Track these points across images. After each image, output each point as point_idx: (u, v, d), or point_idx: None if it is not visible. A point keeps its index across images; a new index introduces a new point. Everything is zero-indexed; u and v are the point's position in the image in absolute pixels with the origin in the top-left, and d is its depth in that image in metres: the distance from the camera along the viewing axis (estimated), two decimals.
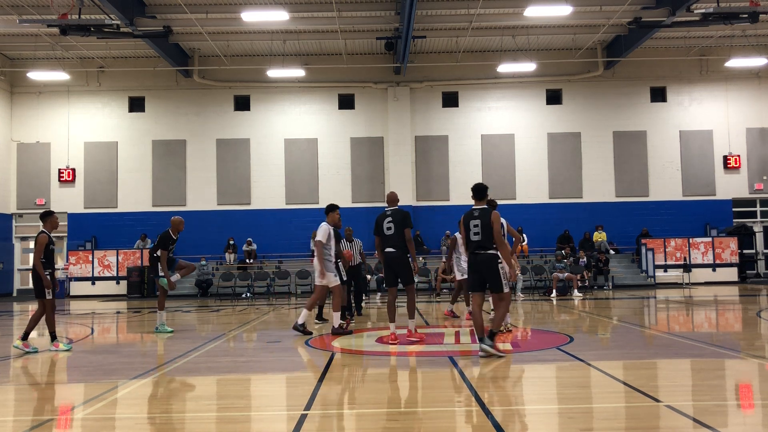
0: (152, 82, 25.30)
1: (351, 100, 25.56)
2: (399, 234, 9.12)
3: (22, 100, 25.47)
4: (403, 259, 9.19)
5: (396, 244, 9.15)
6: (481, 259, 7.83)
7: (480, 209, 7.92)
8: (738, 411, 5.48)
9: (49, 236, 9.25)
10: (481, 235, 7.79)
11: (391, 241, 9.18)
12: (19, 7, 19.95)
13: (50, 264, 9.35)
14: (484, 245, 7.80)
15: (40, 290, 9.15)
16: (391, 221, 9.19)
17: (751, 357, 7.83)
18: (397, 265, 9.21)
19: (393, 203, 9.49)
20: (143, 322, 14.65)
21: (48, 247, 9.21)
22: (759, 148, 25.47)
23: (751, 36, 23.35)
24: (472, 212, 7.96)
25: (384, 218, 9.30)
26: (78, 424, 5.36)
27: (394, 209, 9.36)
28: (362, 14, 21.10)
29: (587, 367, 7.25)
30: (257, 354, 9.23)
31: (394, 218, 9.19)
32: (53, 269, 9.48)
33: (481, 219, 7.81)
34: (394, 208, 9.38)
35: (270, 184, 25.18)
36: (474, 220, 7.87)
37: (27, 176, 25.31)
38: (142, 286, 22.77)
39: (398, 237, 9.12)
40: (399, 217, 9.20)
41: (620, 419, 5.20)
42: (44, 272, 9.10)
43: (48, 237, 9.21)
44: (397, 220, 9.17)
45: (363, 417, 5.41)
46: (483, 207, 7.97)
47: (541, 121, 25.44)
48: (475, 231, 7.84)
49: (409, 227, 9.22)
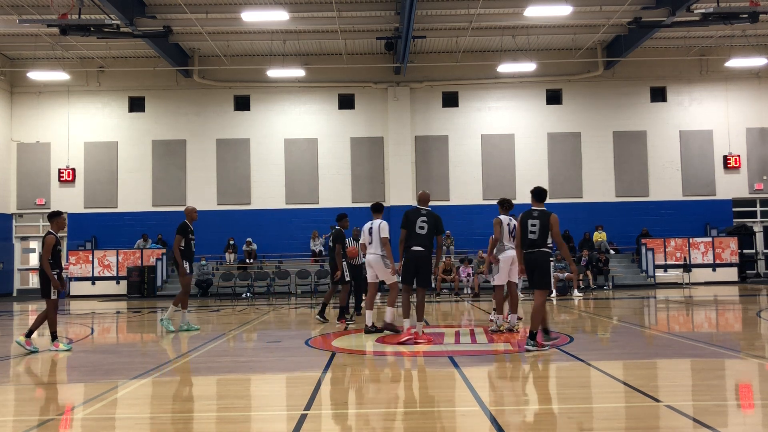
0: (152, 82, 25.30)
1: (351, 100, 25.56)
2: (430, 236, 9.18)
3: (22, 100, 25.47)
4: (429, 260, 9.25)
5: (425, 244, 9.17)
6: (536, 257, 8.37)
7: (539, 211, 8.47)
8: (738, 411, 5.48)
9: (56, 237, 9.32)
10: (538, 235, 8.33)
11: (421, 241, 9.16)
12: (19, 7, 19.95)
13: (57, 264, 9.39)
14: (539, 244, 8.35)
15: (47, 290, 9.24)
16: (425, 221, 9.17)
17: (751, 357, 7.83)
18: (423, 265, 9.21)
19: (425, 203, 9.47)
20: (143, 322, 14.65)
21: (55, 248, 9.28)
22: (759, 148, 25.47)
23: (751, 36, 23.35)
24: (531, 212, 8.50)
25: (418, 216, 9.22)
26: (78, 424, 5.36)
27: (428, 210, 9.34)
28: (362, 14, 21.10)
29: (587, 367, 7.25)
30: (257, 354, 9.23)
31: (429, 220, 9.20)
32: (60, 269, 9.48)
33: (540, 220, 8.35)
34: (428, 209, 9.36)
35: (270, 184, 25.18)
36: (532, 220, 8.41)
37: (27, 176, 25.31)
38: (142, 286, 22.76)
39: (429, 238, 9.18)
40: (433, 219, 9.23)
41: (620, 419, 5.20)
42: (52, 272, 9.13)
43: (55, 237, 9.29)
44: (432, 222, 9.20)
45: (363, 417, 5.41)
46: (542, 209, 8.49)
47: (541, 121, 25.44)
48: (533, 230, 8.36)
49: (441, 234, 9.36)
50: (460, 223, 23.70)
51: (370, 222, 10.40)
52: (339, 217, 12.77)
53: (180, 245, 11.21)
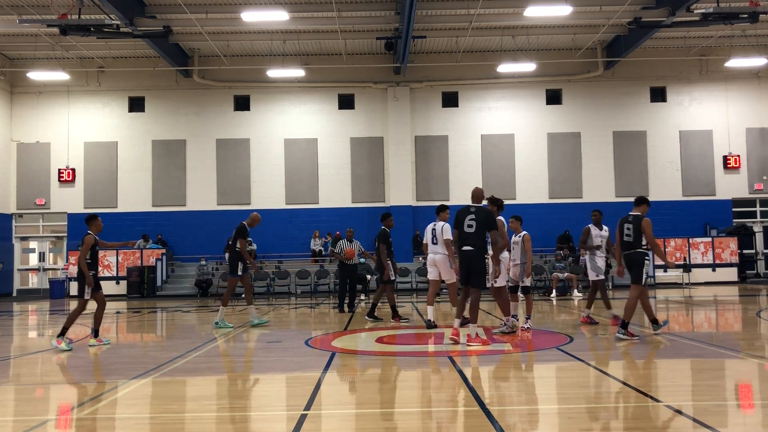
0: (152, 82, 25.30)
1: (351, 100, 25.56)
2: (480, 233, 8.87)
3: (22, 100, 25.47)
4: (480, 259, 8.94)
5: (475, 243, 8.88)
6: (633, 257, 9.30)
7: (634, 215, 9.37)
8: (738, 411, 5.48)
9: (95, 237, 9.67)
10: (633, 237, 9.27)
11: (470, 240, 8.90)
12: (19, 7, 19.95)
13: (94, 265, 9.80)
14: (635, 245, 9.29)
15: (83, 288, 9.64)
16: (474, 219, 8.88)
17: (751, 357, 7.83)
18: (472, 264, 8.93)
19: (477, 200, 9.15)
20: (143, 322, 14.65)
21: (93, 248, 9.67)
22: (759, 148, 25.47)
23: (750, 36, 23.35)
24: (627, 217, 9.45)
25: (466, 215, 8.95)
26: (77, 424, 5.36)
27: (478, 207, 9.04)
28: (362, 14, 21.10)
29: (587, 367, 7.25)
30: (257, 354, 9.23)
31: (477, 217, 8.89)
32: (96, 270, 9.91)
33: (633, 224, 9.30)
34: (479, 206, 9.06)
35: (270, 184, 25.18)
36: (628, 224, 9.38)
37: (27, 176, 25.31)
38: (142, 286, 22.76)
39: (478, 236, 8.87)
40: (482, 216, 8.90)
41: (620, 419, 5.20)
42: (89, 272, 9.55)
43: (94, 238, 9.64)
44: (480, 219, 8.88)
45: (363, 417, 5.41)
46: (637, 214, 9.37)
47: (541, 121, 25.44)
48: (628, 233, 9.35)
49: (494, 229, 8.97)
50: None
51: (433, 223, 10.88)
52: (383, 216, 12.81)
53: (237, 247, 11.89)
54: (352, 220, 23.94)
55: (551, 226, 24.42)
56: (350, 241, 14.82)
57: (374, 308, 12.74)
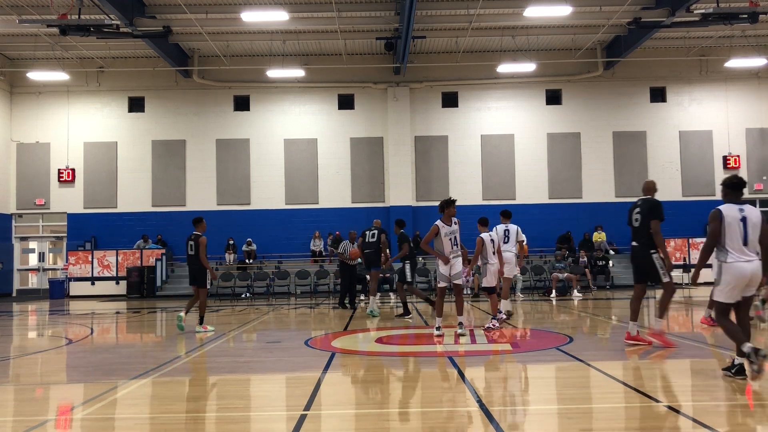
0: (152, 82, 25.30)
1: (351, 100, 25.56)
2: (644, 226, 8.24)
3: (22, 100, 25.47)
4: (645, 253, 8.23)
5: (640, 237, 8.30)
6: None
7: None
8: (737, 411, 5.48)
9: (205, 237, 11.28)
10: None
11: (636, 235, 8.36)
12: (19, 7, 19.94)
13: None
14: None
15: (203, 281, 11.23)
16: (639, 212, 8.34)
17: None
18: (639, 260, 8.34)
19: (647, 192, 8.60)
20: (143, 322, 14.65)
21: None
22: (758, 148, 25.48)
23: (750, 36, 23.35)
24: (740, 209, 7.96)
25: (634, 209, 8.48)
26: (77, 425, 5.35)
27: (645, 199, 8.46)
28: (362, 14, 21.11)
29: (587, 367, 7.25)
30: (257, 354, 9.22)
31: (642, 208, 8.33)
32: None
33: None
34: (647, 198, 8.49)
35: (270, 184, 25.18)
36: None
37: (26, 176, 25.30)
38: (142, 286, 22.76)
39: (643, 229, 8.25)
40: (646, 207, 8.30)
41: (620, 420, 5.20)
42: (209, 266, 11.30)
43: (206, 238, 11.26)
44: (644, 210, 8.28)
45: (362, 417, 5.41)
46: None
47: (541, 122, 25.44)
48: None
49: (657, 219, 8.21)
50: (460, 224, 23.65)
51: (504, 225, 11.84)
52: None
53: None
54: (351, 221, 23.95)
55: (551, 227, 24.43)
56: (352, 242, 15.51)
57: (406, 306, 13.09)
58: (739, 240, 6.15)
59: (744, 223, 6.16)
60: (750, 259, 6.15)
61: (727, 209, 6.26)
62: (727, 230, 6.17)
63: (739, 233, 6.15)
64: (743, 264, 6.13)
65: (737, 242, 6.15)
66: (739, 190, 6.36)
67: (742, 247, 6.14)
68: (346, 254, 15.27)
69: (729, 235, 6.18)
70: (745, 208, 6.26)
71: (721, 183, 6.58)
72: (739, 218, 6.19)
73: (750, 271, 6.13)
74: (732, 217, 6.19)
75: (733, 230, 6.16)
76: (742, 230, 6.14)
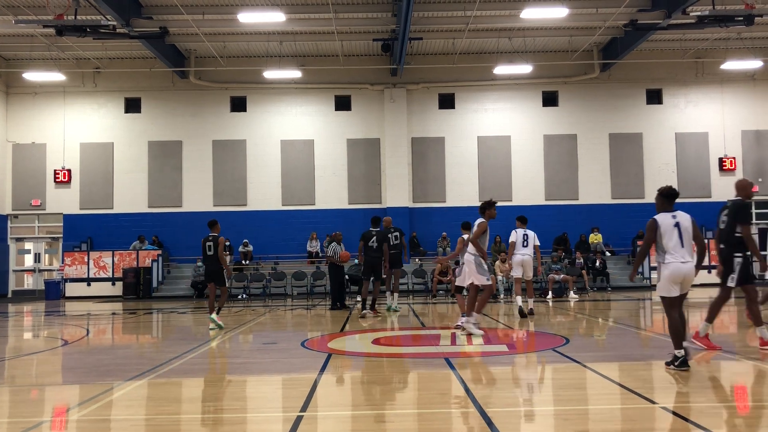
0: (148, 83, 25.26)
1: (347, 101, 25.55)
2: (729, 228, 8.05)
3: (18, 100, 25.39)
4: (727, 257, 8.09)
5: (724, 240, 8.10)
6: None
7: None
8: (733, 413, 5.49)
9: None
10: None
11: (721, 237, 8.18)
12: (15, 7, 19.90)
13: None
14: None
15: (222, 279, 12.16)
16: (727, 214, 8.11)
17: (746, 359, 7.85)
18: (723, 263, 8.19)
19: (739, 191, 8.33)
20: (139, 323, 14.62)
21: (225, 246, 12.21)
22: (754, 150, 25.54)
23: (746, 38, 23.42)
24: None
25: (722, 210, 8.27)
26: (73, 426, 5.34)
27: (733, 200, 8.22)
28: (359, 16, 21.11)
29: (583, 368, 7.26)
30: (253, 355, 9.21)
31: (730, 210, 8.11)
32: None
33: None
34: (735, 199, 8.24)
35: (266, 186, 25.15)
36: None
37: (22, 177, 25.23)
38: (138, 287, 22.69)
39: (727, 232, 8.06)
40: (733, 209, 8.08)
41: (616, 421, 5.20)
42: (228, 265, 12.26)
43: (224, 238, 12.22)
44: (731, 212, 8.07)
45: (359, 419, 5.40)
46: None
47: (538, 123, 25.47)
48: None
49: (741, 222, 7.95)
50: (456, 225, 23.54)
51: (523, 231, 13.11)
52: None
53: None
54: (348, 222, 23.95)
55: (547, 228, 24.41)
56: (339, 243, 15.75)
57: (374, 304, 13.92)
58: (676, 243, 6.82)
59: (678, 228, 6.83)
60: (685, 261, 6.82)
61: (661, 218, 6.91)
62: (664, 236, 6.83)
63: (675, 237, 6.81)
64: (679, 264, 6.79)
65: (674, 245, 6.81)
66: (673, 199, 6.98)
67: (679, 250, 6.81)
68: (336, 257, 15.35)
69: (666, 240, 6.84)
70: (677, 215, 6.90)
71: (658, 191, 7.11)
72: (673, 224, 6.85)
73: (685, 271, 6.80)
74: (667, 224, 6.85)
75: (669, 236, 6.83)
76: (677, 235, 6.81)
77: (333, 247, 15.57)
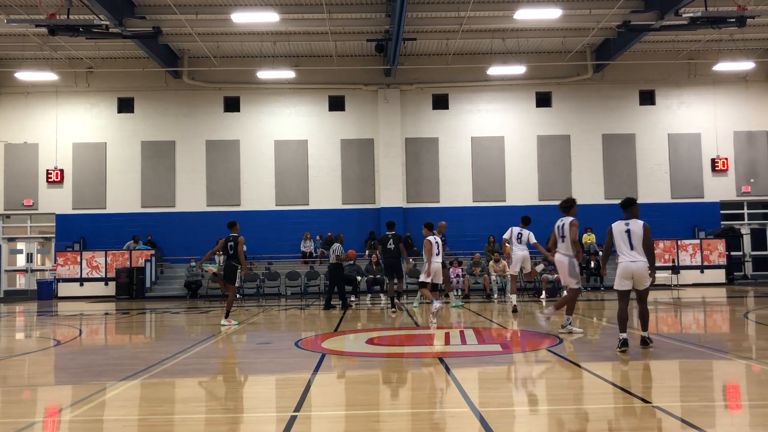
0: (141, 83, 25.18)
1: (341, 101, 25.54)
2: None
3: (10, 100, 25.27)
4: None
5: None
6: None
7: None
8: (725, 412, 5.51)
9: None
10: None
11: None
12: (7, 6, 19.80)
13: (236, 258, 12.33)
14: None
15: (233, 278, 12.35)
16: None
17: (739, 358, 7.89)
18: None
19: None
20: (131, 323, 14.57)
21: None
22: (746, 151, 25.67)
23: (738, 40, 23.53)
24: None
25: None
26: (65, 427, 5.32)
27: None
28: (352, 16, 21.11)
29: (577, 368, 7.28)
30: (247, 355, 9.20)
31: None
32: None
33: None
34: None
35: (260, 186, 25.11)
36: None
37: (14, 177, 25.11)
38: (131, 287, 22.62)
39: None
40: None
41: (609, 421, 5.22)
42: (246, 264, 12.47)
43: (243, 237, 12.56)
44: None
45: (352, 419, 5.40)
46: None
47: (531, 124, 25.52)
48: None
49: None
50: (450, 225, 23.55)
51: (519, 229, 14.50)
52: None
53: None
54: (342, 222, 23.97)
55: (541, 228, 24.41)
56: (341, 243, 15.96)
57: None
58: (626, 246, 8.19)
59: (628, 234, 8.17)
60: (634, 260, 8.13)
61: (616, 225, 8.37)
62: (616, 240, 8.28)
63: (626, 241, 8.18)
64: (628, 263, 8.14)
65: (624, 248, 8.20)
66: (627, 208, 8.40)
67: (628, 251, 8.16)
68: (343, 255, 15.64)
69: (618, 243, 8.27)
70: (630, 223, 8.25)
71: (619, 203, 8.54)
72: (624, 230, 8.23)
73: (632, 268, 8.10)
74: (619, 230, 8.29)
75: (620, 240, 8.23)
76: (627, 239, 8.16)
77: (338, 247, 15.75)
